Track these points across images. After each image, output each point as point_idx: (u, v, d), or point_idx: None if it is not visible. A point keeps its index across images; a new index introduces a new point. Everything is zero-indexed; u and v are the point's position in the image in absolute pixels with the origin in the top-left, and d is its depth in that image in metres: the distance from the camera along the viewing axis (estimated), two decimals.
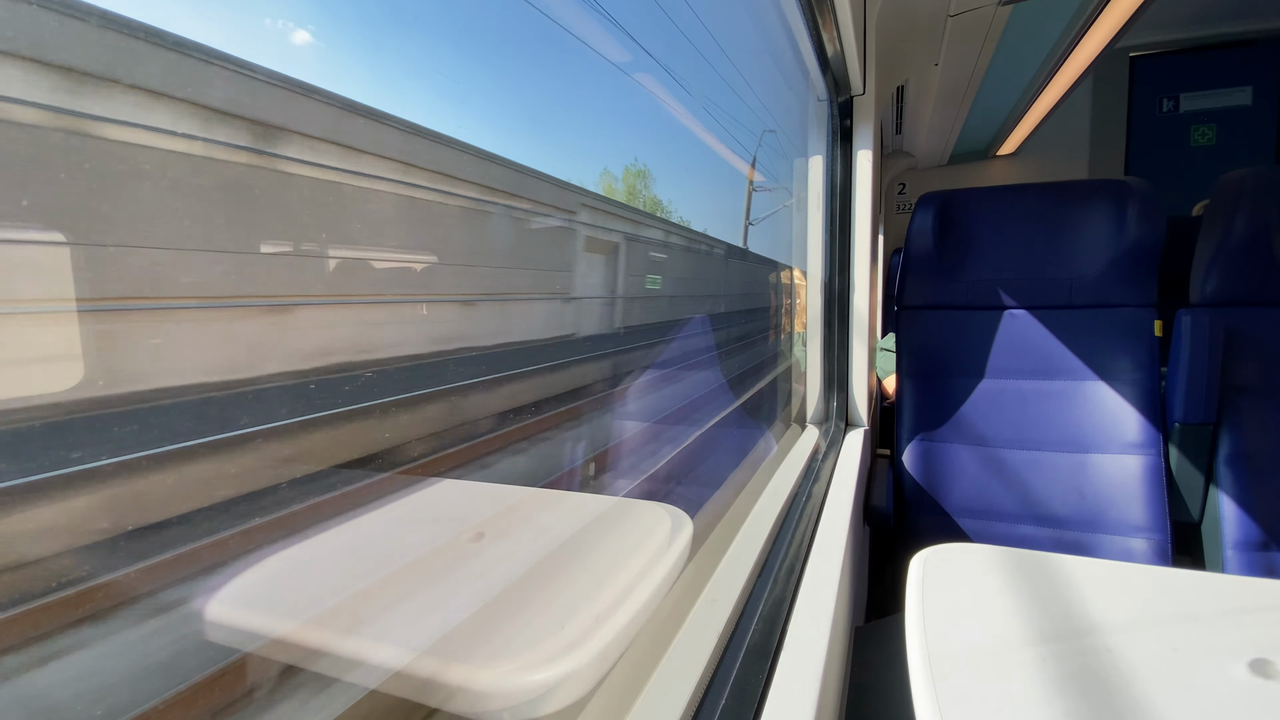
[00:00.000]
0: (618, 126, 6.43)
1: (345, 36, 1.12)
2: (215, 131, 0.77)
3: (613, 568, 0.56)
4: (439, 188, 1.27)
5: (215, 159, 0.77)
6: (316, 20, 1.00)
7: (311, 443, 0.86)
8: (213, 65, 0.72)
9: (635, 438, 1.95)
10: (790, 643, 0.55)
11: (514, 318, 1.85)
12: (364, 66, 1.14)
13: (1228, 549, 1.08)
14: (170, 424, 0.73)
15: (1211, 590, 0.60)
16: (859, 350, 1.37)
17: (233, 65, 0.75)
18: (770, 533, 0.76)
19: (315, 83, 0.91)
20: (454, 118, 1.29)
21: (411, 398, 1.14)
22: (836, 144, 1.37)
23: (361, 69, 1.12)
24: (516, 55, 3.35)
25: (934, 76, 1.78)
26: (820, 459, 1.14)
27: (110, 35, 0.59)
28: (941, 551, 0.70)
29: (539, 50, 3.19)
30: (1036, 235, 1.30)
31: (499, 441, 1.47)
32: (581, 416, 1.88)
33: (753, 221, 5.83)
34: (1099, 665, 0.49)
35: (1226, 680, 0.46)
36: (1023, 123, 2.53)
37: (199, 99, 0.73)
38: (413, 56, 1.35)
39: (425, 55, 1.40)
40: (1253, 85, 2.62)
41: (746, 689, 0.49)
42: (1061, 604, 0.59)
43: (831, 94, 1.31)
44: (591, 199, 2.46)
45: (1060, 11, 1.57)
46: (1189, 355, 1.13)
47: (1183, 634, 0.53)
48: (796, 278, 1.51)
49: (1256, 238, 1.13)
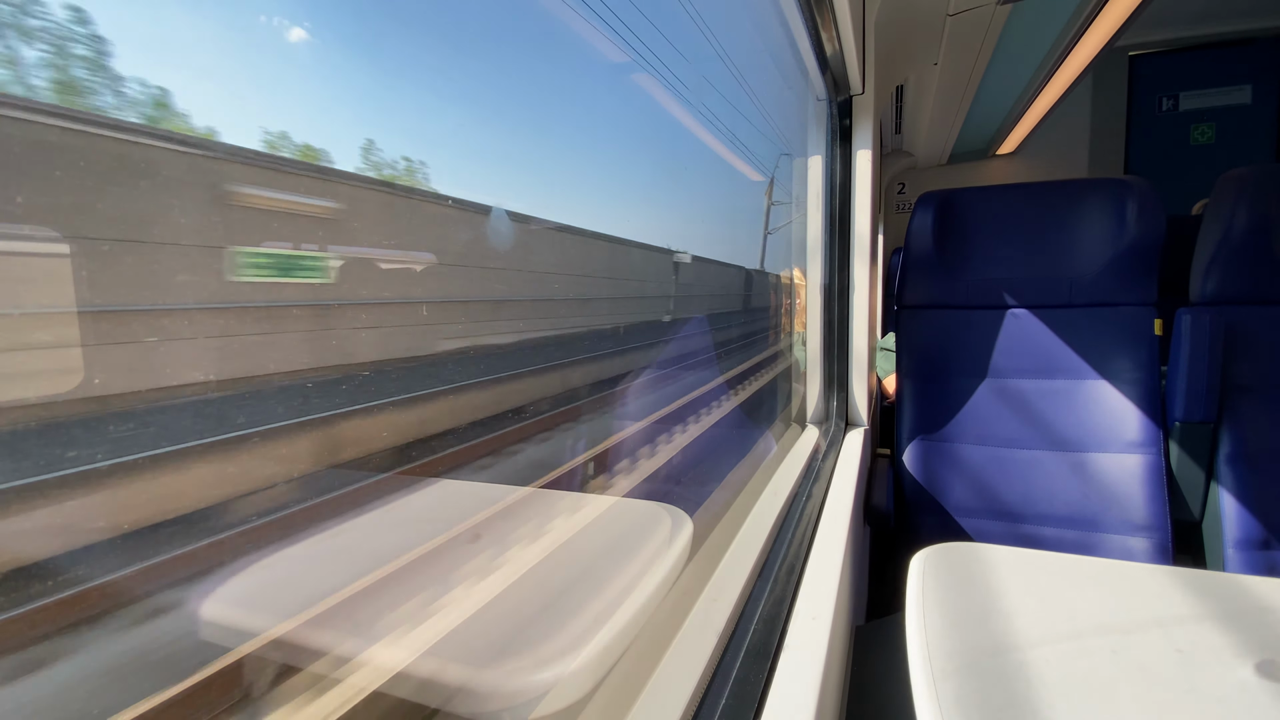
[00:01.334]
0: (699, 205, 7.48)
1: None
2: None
3: (612, 567, 0.56)
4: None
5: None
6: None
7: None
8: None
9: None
10: (790, 642, 0.55)
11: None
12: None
13: (1228, 547, 1.08)
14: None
15: (1214, 589, 0.60)
16: (859, 350, 1.37)
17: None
18: (770, 532, 0.75)
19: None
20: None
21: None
22: (836, 144, 1.37)
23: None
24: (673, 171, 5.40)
25: (933, 76, 1.78)
26: (820, 458, 1.14)
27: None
28: (942, 551, 0.70)
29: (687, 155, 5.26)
30: (1036, 234, 1.29)
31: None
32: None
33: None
34: (1101, 665, 0.49)
35: (1233, 682, 0.46)
36: (1022, 122, 2.53)
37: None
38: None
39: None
40: (1252, 84, 2.62)
41: (747, 689, 0.49)
42: (1062, 603, 0.59)
43: (831, 93, 1.31)
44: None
45: (1059, 11, 1.57)
46: (1189, 354, 1.13)
47: (1187, 634, 0.52)
48: (797, 277, 1.51)
49: (1256, 236, 1.13)
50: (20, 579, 0.75)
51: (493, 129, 3.88)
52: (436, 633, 0.49)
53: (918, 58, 1.64)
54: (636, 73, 4.41)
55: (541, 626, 0.47)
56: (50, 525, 0.81)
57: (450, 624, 0.49)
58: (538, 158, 4.36)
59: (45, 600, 0.79)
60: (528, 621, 0.48)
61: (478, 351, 2.42)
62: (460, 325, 2.33)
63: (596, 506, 0.77)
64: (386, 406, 1.70)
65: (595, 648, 0.44)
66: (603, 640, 0.45)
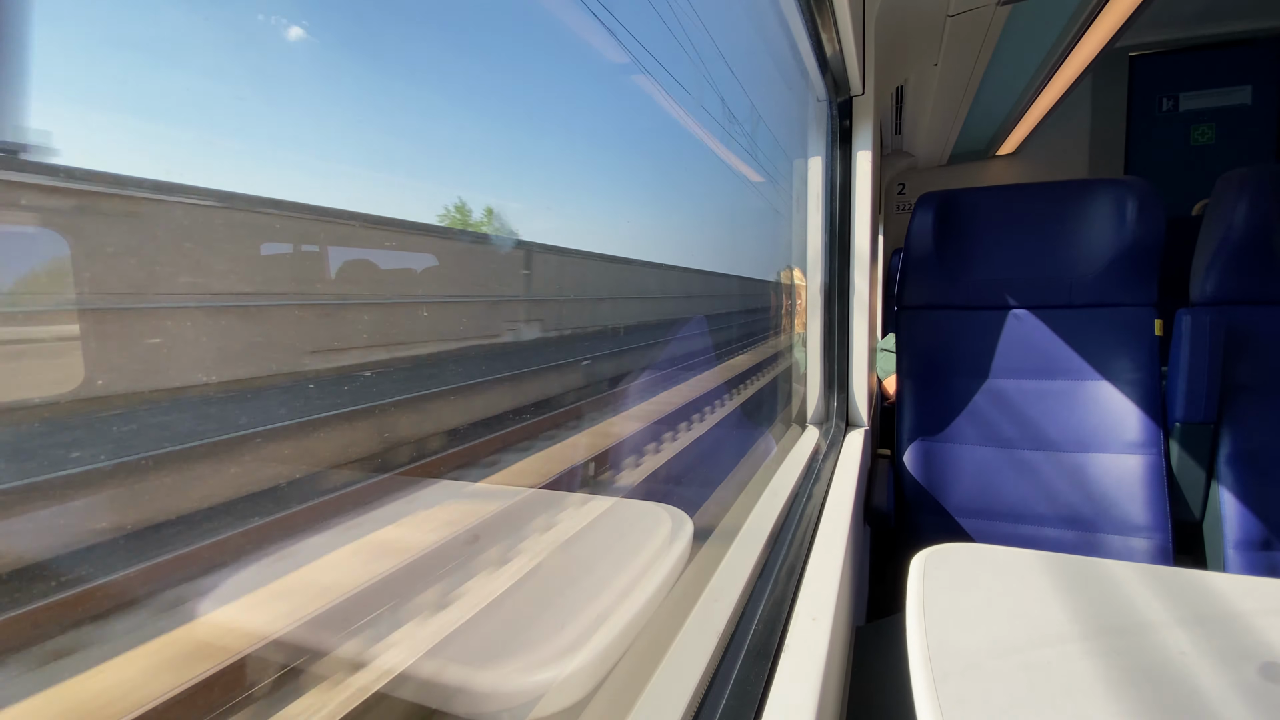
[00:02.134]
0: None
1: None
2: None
3: (612, 568, 0.56)
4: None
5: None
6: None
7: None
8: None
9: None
10: (791, 643, 0.55)
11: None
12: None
13: (1229, 548, 1.08)
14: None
15: (1216, 590, 0.60)
16: (859, 351, 1.37)
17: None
18: (771, 533, 0.75)
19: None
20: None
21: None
22: (836, 144, 1.37)
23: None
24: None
25: (933, 76, 1.78)
26: (821, 459, 1.13)
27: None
28: (942, 551, 0.70)
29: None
30: (1036, 235, 1.29)
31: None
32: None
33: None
34: (1102, 666, 0.49)
35: (1235, 684, 0.46)
36: (1022, 122, 2.53)
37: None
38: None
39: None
40: (1252, 84, 2.62)
41: (747, 689, 0.49)
42: (1063, 604, 0.58)
43: (831, 94, 1.31)
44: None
45: (1059, 11, 1.57)
46: (1189, 354, 1.13)
47: (1188, 635, 0.52)
48: (797, 278, 1.51)
49: (1257, 236, 1.13)
50: None
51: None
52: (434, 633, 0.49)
53: (918, 58, 1.64)
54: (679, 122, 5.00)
55: (541, 627, 0.47)
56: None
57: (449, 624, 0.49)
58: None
59: None
60: (527, 622, 0.48)
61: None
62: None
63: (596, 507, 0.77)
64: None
65: (595, 648, 0.44)
66: (603, 641, 0.45)
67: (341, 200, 1.24)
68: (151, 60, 0.74)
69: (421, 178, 1.87)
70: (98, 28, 0.67)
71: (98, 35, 0.67)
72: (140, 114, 0.74)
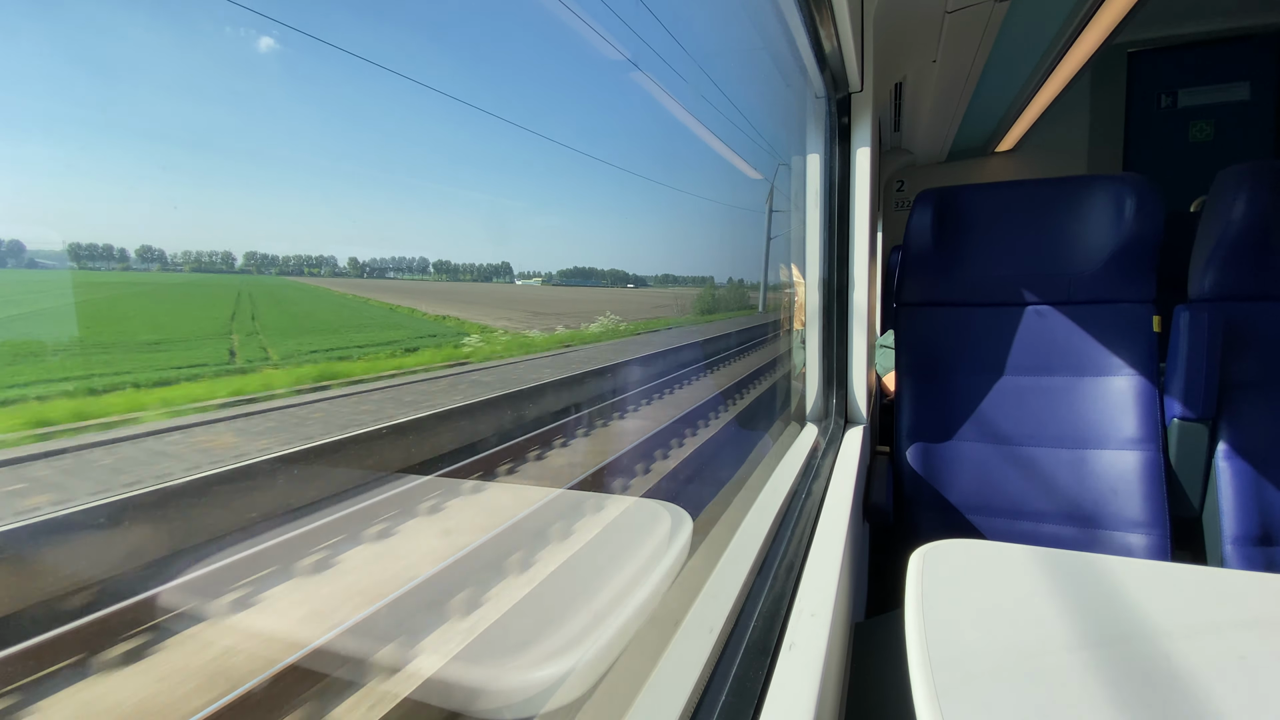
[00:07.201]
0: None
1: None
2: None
3: (612, 565, 0.56)
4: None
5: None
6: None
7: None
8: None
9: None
10: (790, 639, 0.55)
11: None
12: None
13: (1227, 544, 1.08)
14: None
15: (1213, 586, 0.60)
16: (858, 347, 1.37)
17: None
18: (770, 529, 0.75)
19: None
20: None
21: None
22: (835, 141, 1.37)
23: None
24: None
25: (932, 73, 1.77)
26: (820, 456, 1.14)
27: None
28: (941, 547, 0.70)
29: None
30: (1035, 231, 1.29)
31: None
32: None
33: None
34: (1100, 661, 0.49)
35: (1233, 680, 0.46)
36: (1021, 119, 2.53)
37: None
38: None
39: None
40: (1250, 80, 2.62)
41: (746, 685, 0.49)
42: (1062, 600, 0.59)
43: (829, 91, 1.31)
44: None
45: (1057, 8, 1.57)
46: (1187, 351, 1.13)
47: (1186, 631, 0.53)
48: (795, 276, 1.51)
49: (1255, 232, 1.13)
50: None
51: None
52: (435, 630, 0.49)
53: (916, 55, 1.63)
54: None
55: (541, 624, 0.47)
56: None
57: (448, 621, 0.49)
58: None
59: None
60: (527, 618, 0.48)
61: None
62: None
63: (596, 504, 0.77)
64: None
65: (595, 645, 0.44)
66: (602, 637, 0.45)
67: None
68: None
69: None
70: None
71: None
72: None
